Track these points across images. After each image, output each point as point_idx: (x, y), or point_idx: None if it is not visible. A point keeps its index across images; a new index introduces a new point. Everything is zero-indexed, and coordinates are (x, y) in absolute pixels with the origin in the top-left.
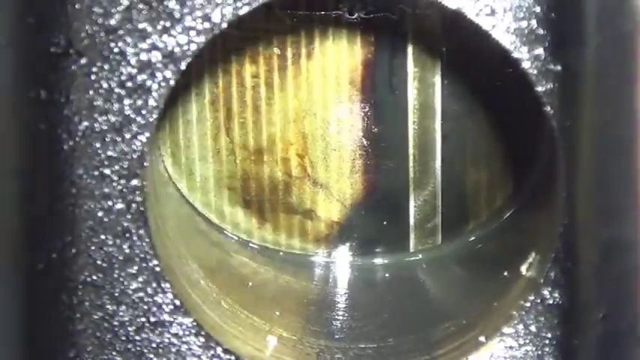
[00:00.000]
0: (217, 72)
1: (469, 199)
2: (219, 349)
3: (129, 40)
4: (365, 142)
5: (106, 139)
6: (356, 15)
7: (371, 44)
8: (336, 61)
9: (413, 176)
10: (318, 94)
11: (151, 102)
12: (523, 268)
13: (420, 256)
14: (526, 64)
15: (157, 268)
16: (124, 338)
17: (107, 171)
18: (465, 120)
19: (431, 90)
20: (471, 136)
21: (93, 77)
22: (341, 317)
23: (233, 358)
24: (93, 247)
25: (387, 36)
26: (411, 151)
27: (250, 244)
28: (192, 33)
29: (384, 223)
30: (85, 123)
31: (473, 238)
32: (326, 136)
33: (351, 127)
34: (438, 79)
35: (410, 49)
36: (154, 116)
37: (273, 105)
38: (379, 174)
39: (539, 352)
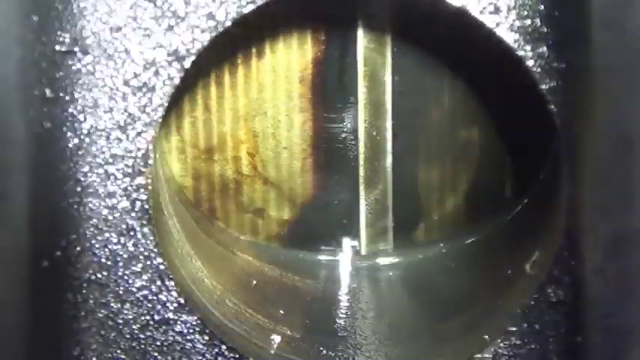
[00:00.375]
0: None
1: (421, 198)
2: (223, 347)
3: (133, 38)
4: (316, 141)
5: (111, 137)
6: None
7: (321, 43)
8: (286, 59)
9: (364, 175)
10: (269, 93)
11: (156, 100)
12: (527, 266)
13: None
14: (530, 62)
15: (162, 266)
16: (128, 336)
17: (112, 169)
18: (416, 118)
19: (381, 88)
20: (423, 134)
21: (98, 75)
22: (344, 315)
23: (237, 356)
24: (97, 245)
25: (337, 34)
26: (361, 149)
27: (254, 243)
28: (197, 31)
29: (336, 221)
30: (90, 121)
31: (474, 238)
32: (277, 134)
33: (302, 125)
34: (388, 78)
35: (360, 48)
36: (159, 114)
37: (224, 104)
38: (330, 173)
39: (543, 350)
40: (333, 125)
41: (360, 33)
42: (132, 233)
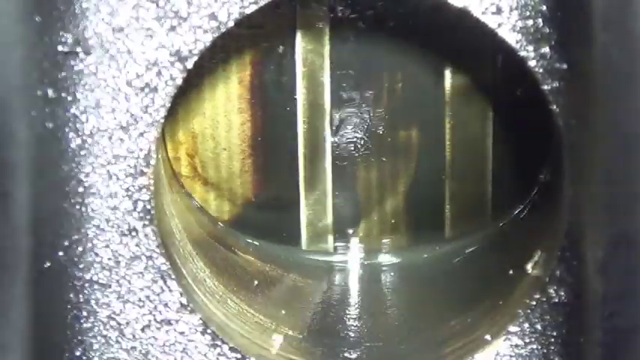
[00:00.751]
0: None
1: (361, 199)
2: (225, 348)
3: (136, 38)
4: (255, 142)
5: (113, 138)
6: None
7: (260, 44)
8: (224, 61)
9: (304, 175)
10: (207, 94)
11: (158, 100)
12: (529, 267)
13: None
14: (532, 63)
15: (164, 267)
16: (130, 336)
17: (114, 169)
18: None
19: (320, 89)
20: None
21: (100, 76)
22: (346, 316)
23: (239, 356)
24: (99, 246)
25: (276, 35)
26: (301, 150)
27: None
28: (199, 32)
29: (276, 222)
30: (92, 121)
31: (477, 236)
32: (216, 135)
33: (241, 126)
34: (327, 78)
35: (299, 49)
36: (161, 115)
37: None
38: (270, 173)
39: (545, 351)
40: (273, 126)
41: (299, 34)
42: (134, 233)
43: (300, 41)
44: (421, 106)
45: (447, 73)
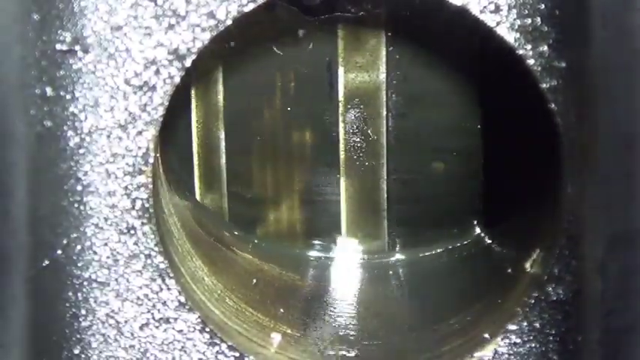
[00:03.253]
0: None
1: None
2: (223, 346)
3: (134, 37)
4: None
5: (112, 136)
6: None
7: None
8: None
9: (198, 174)
10: None
11: (156, 99)
12: (527, 265)
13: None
14: (530, 61)
15: (162, 265)
16: (128, 335)
17: (112, 167)
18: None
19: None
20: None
21: (98, 74)
22: (345, 314)
23: (237, 354)
24: (98, 244)
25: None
26: (195, 149)
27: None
28: (198, 30)
29: None
30: (91, 120)
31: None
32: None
33: None
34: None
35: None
36: (159, 113)
37: None
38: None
39: (543, 349)
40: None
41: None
42: (132, 232)
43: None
44: None
45: None
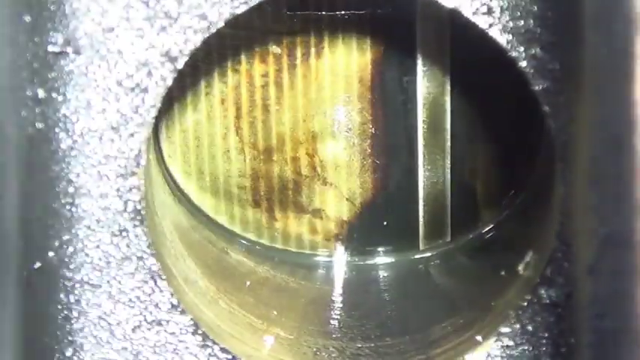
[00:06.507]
0: (227, 71)
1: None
2: (216, 348)
3: (126, 38)
4: (375, 141)
5: (104, 138)
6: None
7: (380, 43)
8: (345, 59)
9: (423, 175)
10: (328, 93)
11: (149, 101)
12: (520, 268)
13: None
14: (523, 63)
15: (154, 267)
16: (121, 337)
17: (104, 169)
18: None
19: (440, 89)
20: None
21: (90, 76)
22: (338, 316)
23: (230, 357)
24: (90, 246)
25: (396, 35)
26: (420, 149)
27: (251, 243)
28: (189, 32)
29: (392, 222)
30: (83, 122)
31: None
32: (335, 135)
33: (361, 125)
34: (447, 77)
35: (419, 48)
36: (151, 115)
37: (283, 104)
38: (389, 173)
39: (536, 352)
40: (393, 125)
41: (418, 33)
42: (124, 234)
43: (419, 42)
44: None
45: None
